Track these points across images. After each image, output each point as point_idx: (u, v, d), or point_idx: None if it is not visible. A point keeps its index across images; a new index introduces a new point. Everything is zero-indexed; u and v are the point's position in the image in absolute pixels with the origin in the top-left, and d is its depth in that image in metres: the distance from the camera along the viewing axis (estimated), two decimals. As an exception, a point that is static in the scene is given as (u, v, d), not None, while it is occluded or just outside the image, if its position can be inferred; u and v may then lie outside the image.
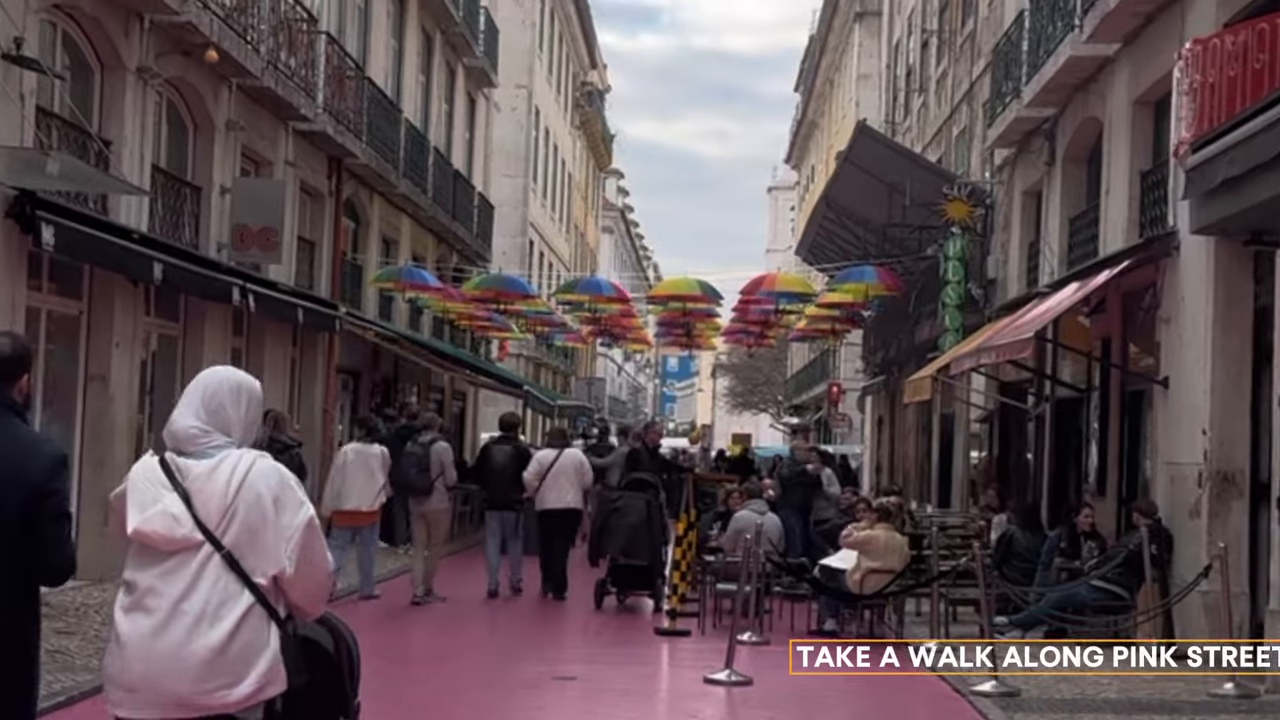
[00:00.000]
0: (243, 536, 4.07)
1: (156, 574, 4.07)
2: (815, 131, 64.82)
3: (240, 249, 17.73)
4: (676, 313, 25.78)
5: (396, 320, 27.54)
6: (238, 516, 4.07)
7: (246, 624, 4.04)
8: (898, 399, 33.09)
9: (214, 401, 4.23)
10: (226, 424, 4.22)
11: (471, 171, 35.01)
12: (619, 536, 15.04)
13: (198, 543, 4.06)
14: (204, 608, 4.02)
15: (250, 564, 4.07)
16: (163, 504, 4.08)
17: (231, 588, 4.05)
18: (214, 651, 4.00)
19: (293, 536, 4.12)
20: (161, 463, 4.17)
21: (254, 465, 4.14)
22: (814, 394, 54.64)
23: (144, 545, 4.09)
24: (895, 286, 23.12)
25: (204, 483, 4.09)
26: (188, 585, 4.04)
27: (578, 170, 60.93)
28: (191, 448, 4.14)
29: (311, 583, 4.19)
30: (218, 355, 17.72)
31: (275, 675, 4.07)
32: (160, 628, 4.02)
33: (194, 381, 4.33)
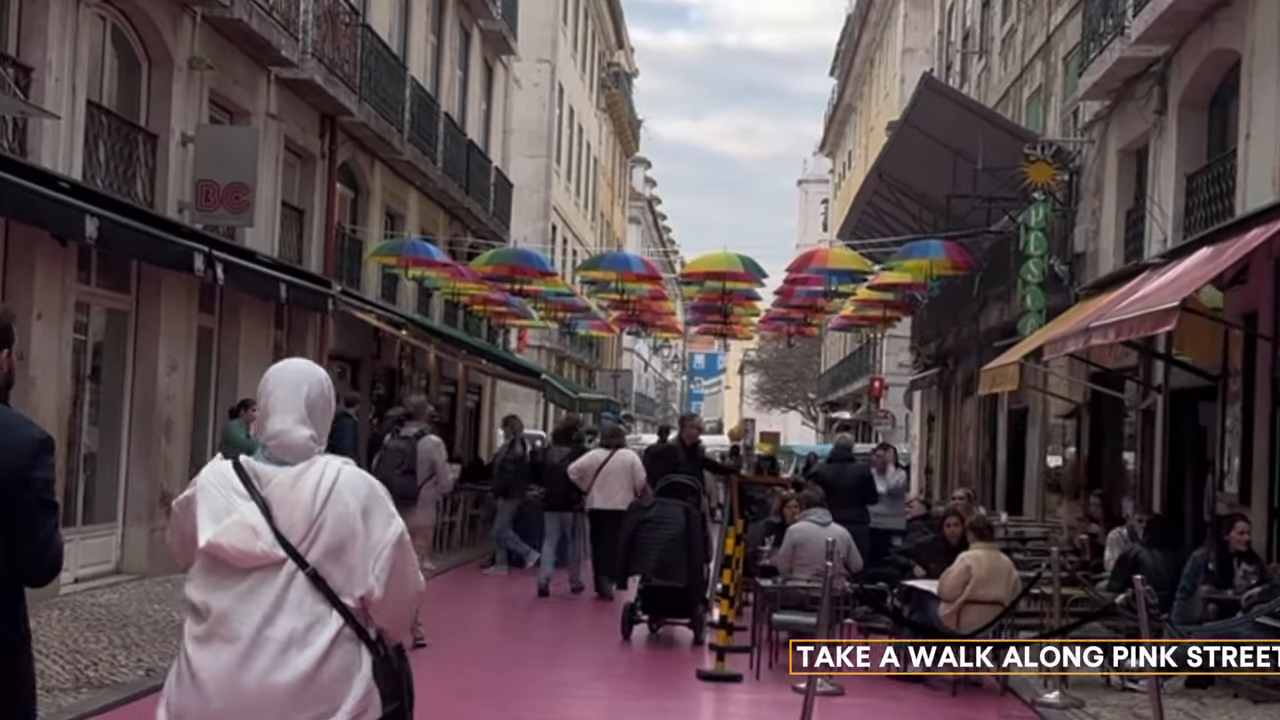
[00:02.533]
0: (329, 553, 3.67)
1: (233, 596, 3.63)
2: (852, 116, 62.12)
3: (205, 209, 15.07)
4: (714, 294, 22.97)
5: (403, 304, 24.86)
6: (324, 531, 3.66)
7: (338, 648, 3.63)
8: (953, 393, 30.27)
9: (316, 402, 3.83)
10: (322, 427, 3.84)
11: (488, 146, 32.29)
12: (651, 553, 12.32)
13: (279, 559, 3.63)
14: (291, 633, 3.59)
15: (337, 583, 3.66)
16: (239, 514, 3.65)
17: (319, 609, 3.64)
18: (304, 679, 3.59)
19: (382, 554, 3.72)
20: (236, 467, 3.76)
21: (340, 474, 3.74)
22: (852, 390, 51.88)
23: (216, 562, 3.64)
24: (964, 264, 20.31)
25: (287, 491, 3.68)
26: (270, 608, 3.61)
27: (604, 155, 58.29)
28: (301, 460, 3.72)
29: (400, 606, 3.79)
30: (179, 335, 15.12)
31: (370, 701, 3.69)
32: (244, 658, 3.58)
33: (277, 380, 3.86)
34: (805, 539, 12.06)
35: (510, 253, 21.92)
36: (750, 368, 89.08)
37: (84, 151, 13.03)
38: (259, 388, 3.93)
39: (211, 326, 16.68)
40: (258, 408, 3.91)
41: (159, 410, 14.68)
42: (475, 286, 23.55)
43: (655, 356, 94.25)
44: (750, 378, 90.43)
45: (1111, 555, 12.49)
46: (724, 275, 20.71)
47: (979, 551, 10.83)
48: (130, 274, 14.49)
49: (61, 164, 12.42)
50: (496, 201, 31.51)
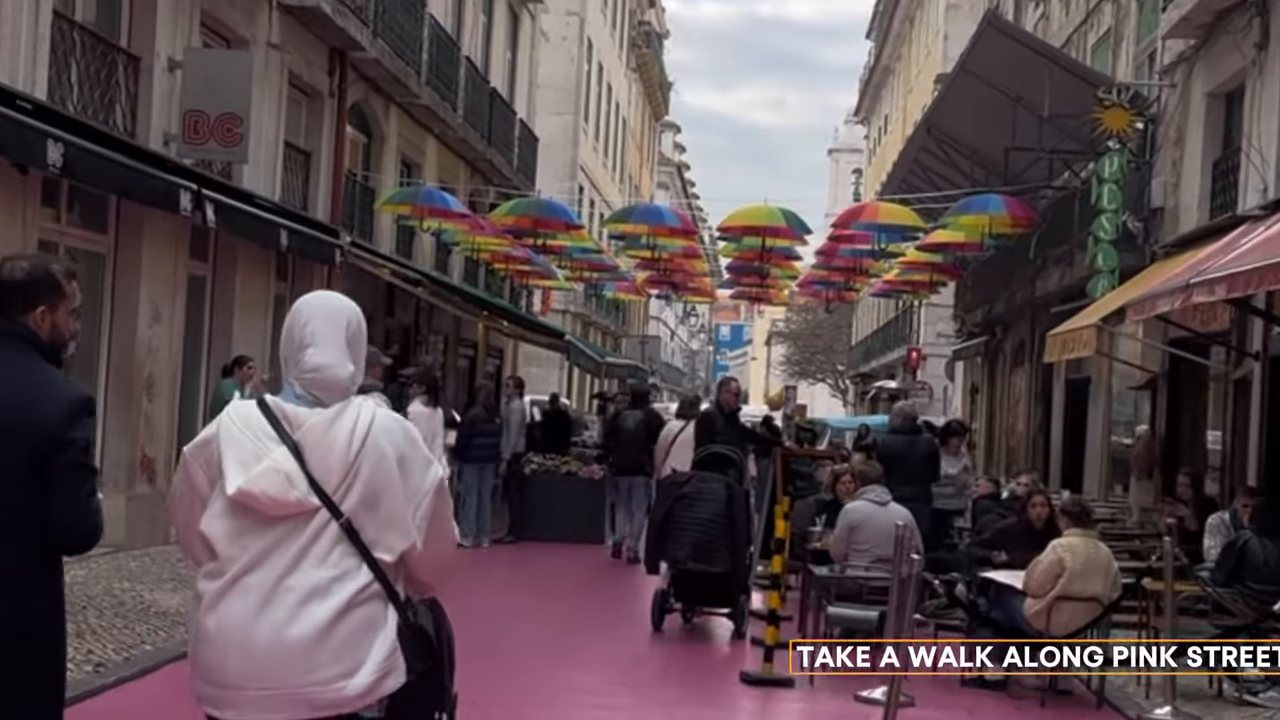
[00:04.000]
0: (364, 502, 3.40)
1: (259, 547, 3.37)
2: (889, 79, 60.33)
3: (193, 141, 13.56)
4: (751, 253, 21.35)
5: (419, 259, 23.33)
6: (360, 478, 3.40)
7: (360, 603, 3.38)
8: (1001, 363, 28.63)
9: (356, 338, 3.54)
10: (359, 365, 3.54)
11: (513, 98, 30.68)
12: (687, 534, 10.78)
13: (312, 508, 3.37)
14: (314, 585, 3.35)
15: (370, 535, 3.40)
16: (272, 460, 3.36)
17: (347, 562, 3.38)
18: (320, 630, 3.32)
19: (422, 503, 3.49)
20: (263, 408, 3.44)
21: (376, 417, 3.46)
22: (885, 361, 50.20)
23: (241, 511, 3.37)
24: (1025, 220, 18.65)
25: (321, 436, 3.39)
26: (295, 558, 3.37)
27: (633, 117, 56.65)
28: (338, 400, 3.43)
29: (440, 556, 3.59)
30: (164, 282, 13.66)
31: (394, 664, 3.41)
32: (260, 608, 3.33)
33: (314, 310, 3.54)
34: (863, 520, 10.52)
35: (534, 203, 20.29)
36: (778, 338, 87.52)
37: (50, 70, 11.52)
38: (289, 318, 3.58)
39: (203, 275, 15.20)
40: (288, 340, 3.56)
41: (139, 364, 13.23)
42: (496, 241, 21.99)
43: (681, 325, 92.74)
44: (778, 349, 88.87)
45: (1213, 543, 10.87)
46: (764, 230, 19.06)
47: (1074, 540, 9.24)
48: (108, 212, 13.01)
49: (22, 82, 10.92)
50: (521, 156, 29.93)
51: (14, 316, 3.73)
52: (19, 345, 3.70)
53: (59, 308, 3.82)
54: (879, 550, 10.43)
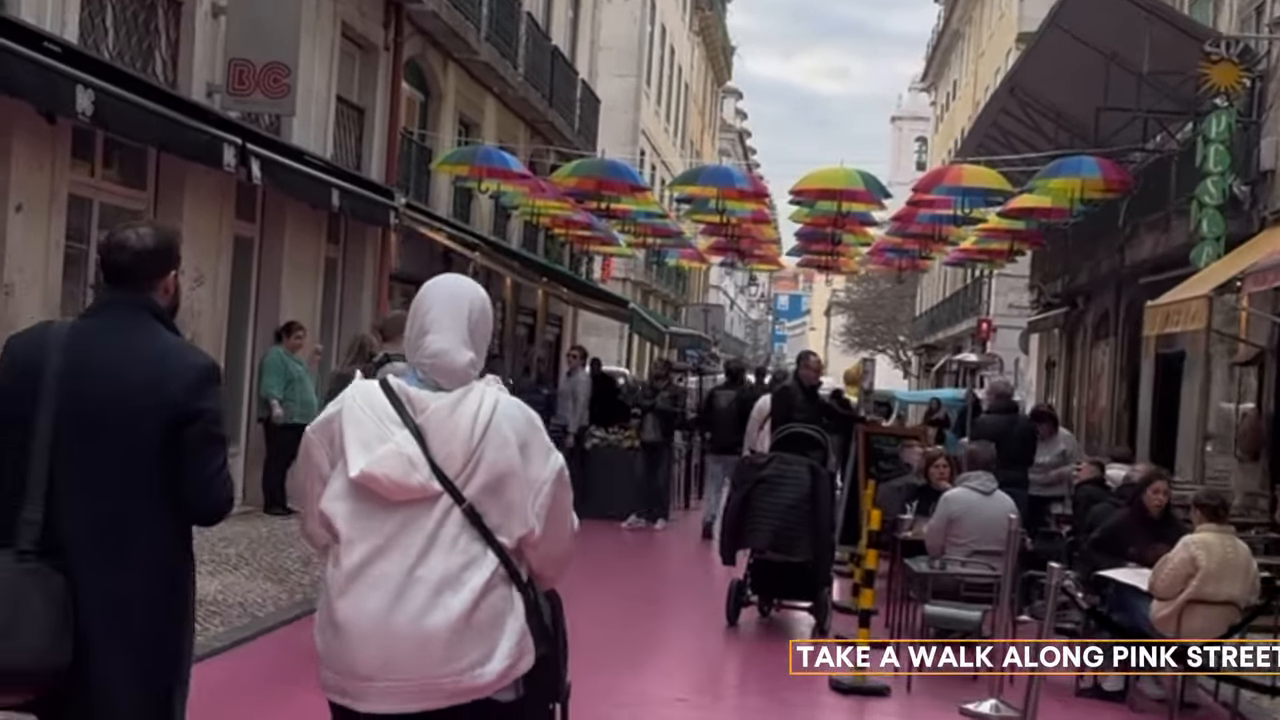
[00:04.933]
0: (486, 488, 3.36)
1: (383, 533, 3.32)
2: (959, 43, 58.87)
3: (237, 92, 12.71)
4: (824, 218, 20.29)
5: (476, 224, 22.46)
6: (482, 464, 3.35)
7: (492, 590, 3.35)
8: (1081, 336, 27.44)
9: (478, 324, 3.51)
10: (481, 351, 3.51)
11: (574, 58, 29.72)
12: (767, 521, 9.85)
13: (435, 493, 3.33)
14: (445, 573, 3.31)
15: (494, 521, 3.37)
16: (394, 443, 3.32)
17: (473, 548, 3.35)
18: (459, 621, 3.29)
19: (542, 490, 3.44)
20: (386, 390, 3.40)
21: (499, 402, 3.43)
22: (952, 333, 48.93)
23: (364, 495, 3.33)
24: (1120, 184, 17.49)
25: (444, 420, 3.36)
26: (423, 546, 3.32)
27: (695, 82, 55.54)
28: (459, 385, 3.40)
29: (558, 546, 3.52)
30: (208, 243, 12.84)
31: (525, 648, 3.39)
32: (394, 601, 3.28)
33: (436, 295, 3.51)
34: (965, 511, 9.55)
35: (597, 164, 19.31)
36: (838, 309, 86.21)
37: (82, 11, 10.69)
38: (414, 302, 3.53)
39: (251, 236, 14.39)
40: (410, 324, 3.51)
41: (181, 329, 12.39)
42: (557, 205, 21.05)
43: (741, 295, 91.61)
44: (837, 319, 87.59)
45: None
46: (841, 194, 17.99)
47: (1208, 536, 8.25)
48: (147, 167, 12.19)
49: (50, 23, 10.10)
50: (583, 118, 28.98)
51: (140, 285, 3.67)
52: (145, 316, 3.65)
53: (178, 275, 3.81)
54: (980, 544, 9.50)
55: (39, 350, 3.61)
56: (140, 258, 3.70)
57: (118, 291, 3.70)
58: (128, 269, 3.68)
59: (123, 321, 3.64)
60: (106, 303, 3.72)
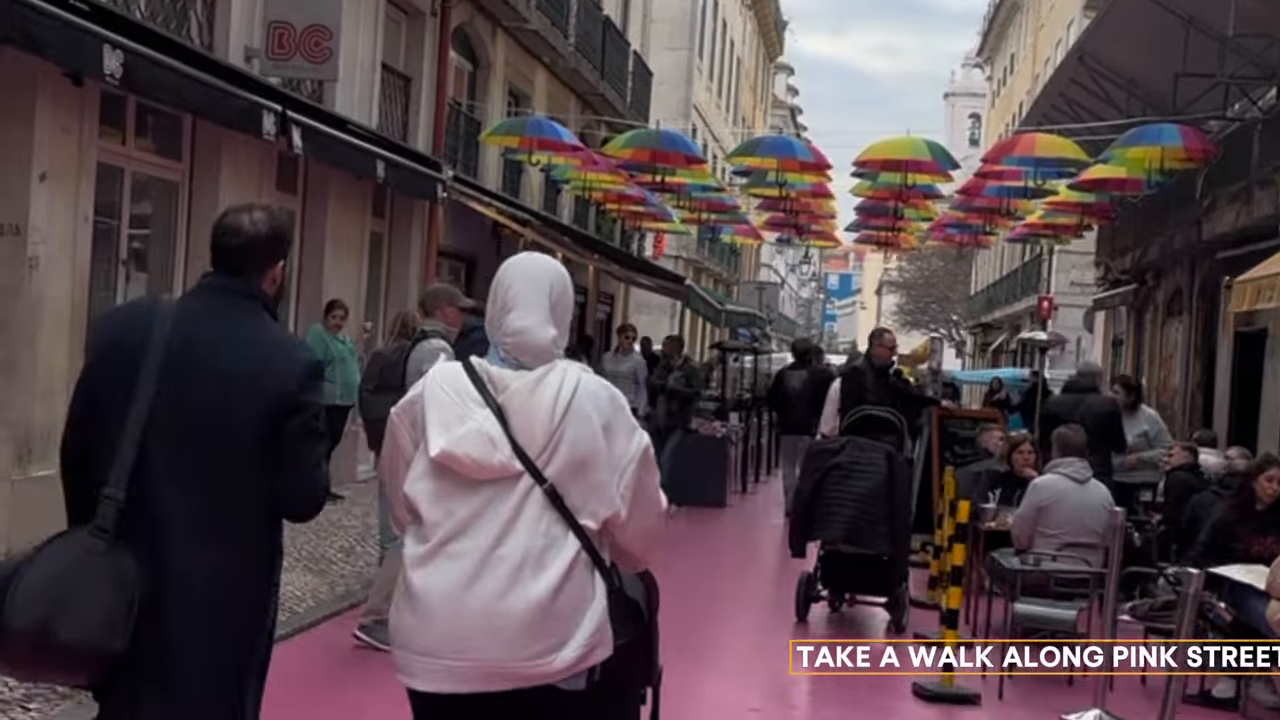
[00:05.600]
0: (568, 468, 3.30)
1: (464, 512, 3.28)
2: (1017, 15, 57.66)
3: (277, 56, 12.11)
4: (886, 192, 19.50)
5: (526, 199, 21.83)
6: (564, 443, 3.30)
7: (573, 574, 3.27)
8: (1151, 314, 26.50)
9: (560, 301, 3.47)
10: (563, 329, 3.48)
11: (626, 29, 29.01)
12: (842, 511, 9.16)
13: (516, 473, 3.28)
14: (525, 554, 3.25)
15: (575, 502, 3.30)
16: (475, 422, 3.29)
17: (555, 530, 3.28)
18: (537, 607, 3.22)
19: (626, 469, 3.37)
20: (468, 369, 3.39)
21: (580, 382, 3.37)
22: (1010, 311, 47.95)
23: (445, 474, 3.29)
24: (1202, 153, 16.60)
25: (525, 399, 3.32)
26: (504, 526, 3.26)
27: (747, 56, 54.64)
28: (541, 363, 3.36)
29: (646, 526, 3.44)
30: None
31: (602, 637, 3.32)
32: (471, 578, 3.24)
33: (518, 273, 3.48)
34: (1056, 500, 8.84)
35: (652, 135, 18.57)
36: (890, 287, 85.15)
37: (114, -26, 10.10)
38: (495, 280, 3.48)
39: (292, 209, 13.78)
40: (492, 302, 3.47)
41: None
42: (610, 178, 20.36)
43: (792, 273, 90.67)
44: (889, 298, 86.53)
45: None
46: (906, 165, 17.18)
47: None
48: (182, 135, 11.61)
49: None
50: (634, 91, 28.31)
51: (249, 272, 3.59)
52: (252, 304, 3.58)
53: (285, 264, 3.74)
54: (1072, 535, 8.79)
55: (142, 328, 3.49)
56: (253, 244, 3.59)
57: (227, 278, 3.57)
58: (238, 255, 3.57)
59: (230, 309, 3.54)
60: (215, 287, 3.58)
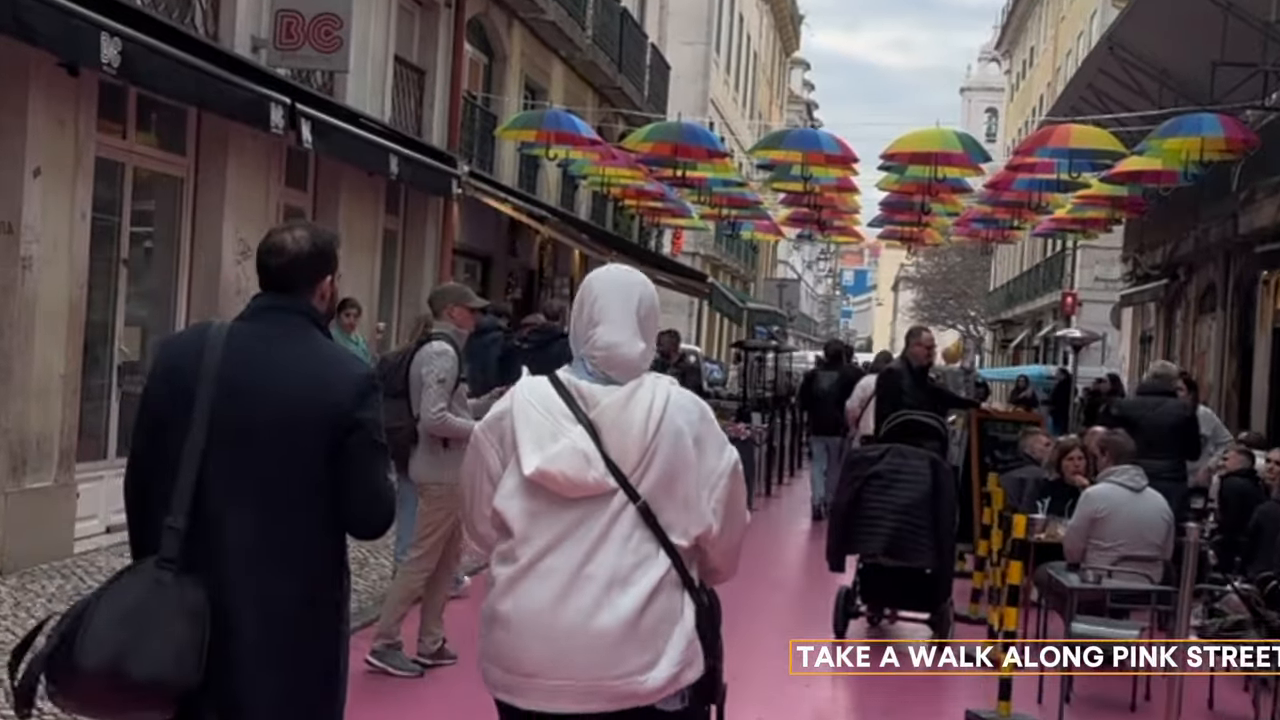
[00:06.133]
0: (661, 484, 3.27)
1: (556, 530, 3.25)
2: (1036, 8, 57.01)
3: (285, 46, 11.62)
4: (913, 186, 18.96)
5: (543, 195, 21.34)
6: (657, 459, 3.27)
7: (662, 592, 3.25)
8: (1183, 309, 25.92)
9: (648, 314, 3.43)
10: (651, 342, 3.44)
11: (643, 21, 28.50)
12: (883, 523, 8.64)
13: (610, 490, 3.25)
14: (614, 572, 3.23)
15: (667, 519, 3.28)
16: (569, 439, 3.25)
17: (646, 548, 3.26)
18: (626, 624, 3.20)
19: (718, 485, 3.35)
20: (556, 384, 3.35)
21: (671, 395, 3.34)
22: (1032, 307, 47.35)
23: (536, 492, 3.26)
24: (1243, 144, 16.02)
25: (617, 415, 3.28)
26: (594, 543, 3.24)
27: (764, 50, 54.10)
28: (631, 378, 3.33)
29: (733, 541, 3.44)
30: (254, 212, 11.76)
31: (693, 656, 3.29)
32: (561, 596, 3.22)
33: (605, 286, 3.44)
34: (1111, 510, 8.30)
35: (673, 128, 18.02)
36: (907, 283, 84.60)
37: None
38: (579, 293, 3.46)
39: (301, 205, 13.31)
40: (578, 316, 3.43)
41: (225, 309, 11.32)
42: (629, 173, 19.87)
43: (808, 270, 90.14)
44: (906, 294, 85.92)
45: None
46: (936, 157, 16.63)
47: None
48: (186, 128, 11.11)
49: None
50: (652, 85, 27.82)
51: (298, 290, 3.57)
52: (303, 322, 3.55)
53: (334, 279, 3.71)
54: (1128, 548, 8.26)
55: (195, 354, 3.47)
56: (297, 262, 3.58)
57: (274, 297, 3.56)
58: (284, 274, 3.56)
59: (281, 328, 3.52)
60: (263, 308, 3.57)
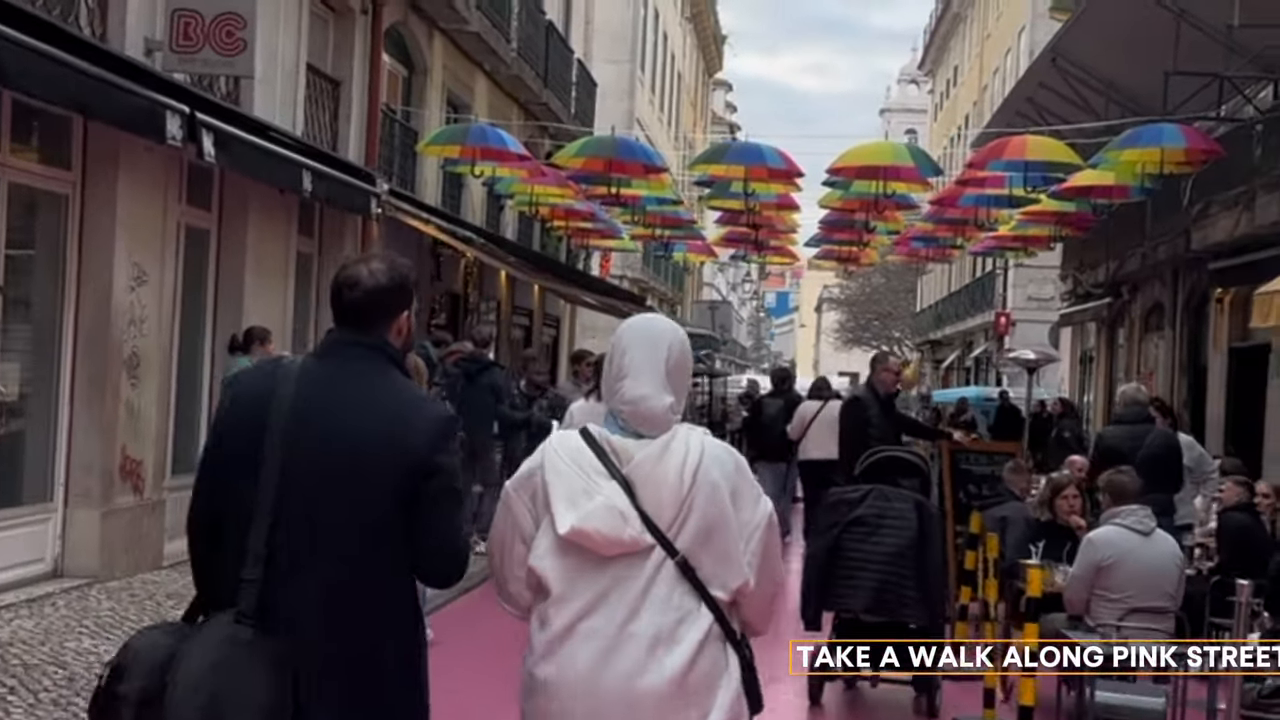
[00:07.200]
0: (699, 538, 3.19)
1: (595, 590, 3.16)
2: (960, 27, 56.84)
3: (182, 49, 10.49)
4: (859, 202, 18.07)
5: (468, 215, 20.28)
6: (693, 513, 3.19)
7: (708, 647, 3.17)
8: (1127, 328, 25.32)
9: (678, 365, 3.33)
10: (681, 394, 3.35)
11: (569, 35, 27.54)
12: (866, 574, 7.66)
13: (647, 546, 3.17)
14: (658, 630, 3.14)
15: (706, 573, 3.19)
16: (603, 496, 3.16)
17: (687, 603, 3.17)
18: (673, 683, 3.12)
19: (753, 537, 3.28)
20: (587, 439, 3.25)
21: (705, 448, 3.25)
22: (963, 327, 46.93)
23: (573, 550, 3.17)
24: (1206, 153, 15.28)
25: (651, 469, 3.20)
26: (635, 601, 3.15)
27: (688, 70, 53.47)
28: (661, 431, 3.23)
29: (768, 595, 3.34)
30: (151, 233, 10.63)
31: (739, 711, 3.23)
32: (605, 657, 3.13)
33: (633, 337, 3.34)
34: (1119, 556, 7.41)
35: (607, 142, 16.97)
36: (830, 305, 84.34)
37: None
38: (611, 344, 3.37)
39: (206, 226, 12.16)
40: (607, 368, 3.35)
41: (118, 339, 10.20)
42: (558, 192, 18.84)
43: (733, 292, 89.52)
44: (829, 316, 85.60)
45: None
46: (885, 171, 15.76)
47: None
48: (72, 139, 9.95)
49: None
50: (579, 101, 26.82)
51: (374, 326, 3.39)
52: (381, 360, 3.37)
53: (410, 314, 3.49)
54: (1137, 599, 7.36)
55: (264, 392, 3.32)
56: (373, 296, 3.40)
57: (350, 332, 3.39)
58: (361, 309, 3.39)
59: (358, 365, 3.36)
60: (339, 343, 3.40)
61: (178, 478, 11.53)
